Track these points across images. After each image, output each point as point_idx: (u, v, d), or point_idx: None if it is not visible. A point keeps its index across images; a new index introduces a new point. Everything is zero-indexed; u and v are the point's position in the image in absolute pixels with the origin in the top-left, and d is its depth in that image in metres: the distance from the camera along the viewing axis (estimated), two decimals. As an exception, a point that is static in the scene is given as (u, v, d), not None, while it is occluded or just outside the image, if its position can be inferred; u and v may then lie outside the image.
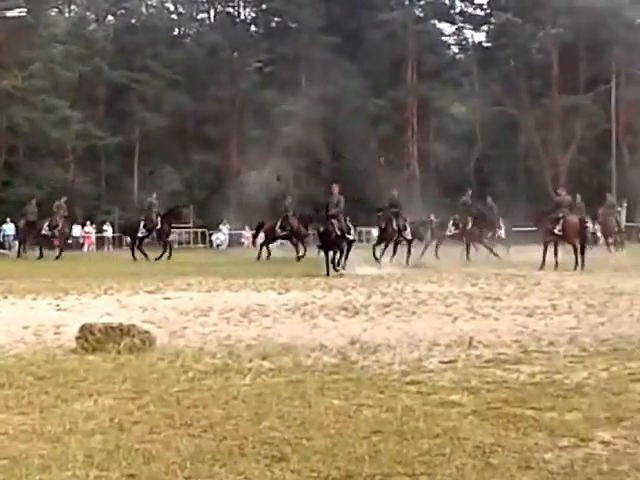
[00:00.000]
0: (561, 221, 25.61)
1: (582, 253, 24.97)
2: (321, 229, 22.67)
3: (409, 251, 29.91)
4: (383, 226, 29.92)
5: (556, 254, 25.60)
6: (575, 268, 24.55)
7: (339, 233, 22.92)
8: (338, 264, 23.72)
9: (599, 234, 36.37)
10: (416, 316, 13.99)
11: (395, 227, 29.54)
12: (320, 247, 23.28)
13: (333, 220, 23.10)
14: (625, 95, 59.28)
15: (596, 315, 13.81)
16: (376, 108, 59.99)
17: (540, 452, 5.98)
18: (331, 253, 23.52)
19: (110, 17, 62.64)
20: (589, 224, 33.29)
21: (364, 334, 11.71)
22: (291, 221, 33.18)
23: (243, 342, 11.02)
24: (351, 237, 24.54)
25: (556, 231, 25.55)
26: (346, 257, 24.32)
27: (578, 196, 31.76)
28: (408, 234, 30.10)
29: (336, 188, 24.72)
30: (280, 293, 17.81)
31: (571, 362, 9.45)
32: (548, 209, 27.37)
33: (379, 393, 7.84)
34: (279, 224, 33.43)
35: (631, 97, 59.02)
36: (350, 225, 24.85)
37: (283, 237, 34.17)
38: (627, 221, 58.17)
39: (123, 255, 38.43)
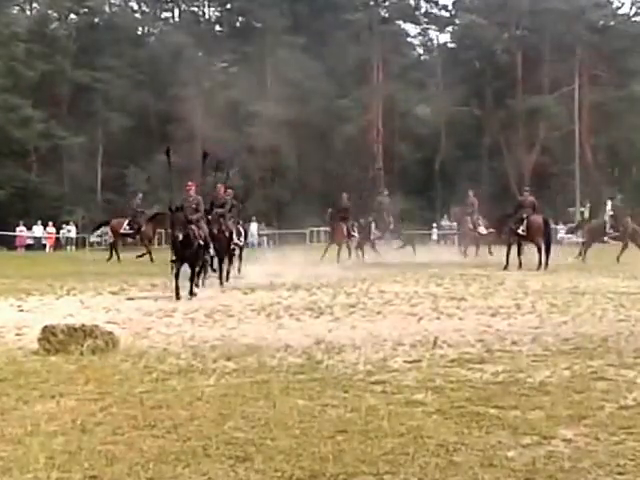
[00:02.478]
0: (525, 221, 25.77)
1: (547, 253, 25.12)
2: (180, 236, 17.18)
3: (357, 249, 31.67)
4: (332, 228, 31.89)
5: (519, 254, 25.75)
6: (539, 268, 24.71)
7: (201, 242, 17.74)
8: (197, 279, 18.27)
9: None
10: (381, 316, 14.02)
11: (345, 229, 31.19)
12: (174, 260, 17.55)
13: (193, 226, 17.67)
14: (588, 96, 59.83)
15: (559, 314, 13.92)
16: (341, 108, 60.06)
17: (503, 450, 6.02)
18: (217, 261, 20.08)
19: (73, 15, 62.08)
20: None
21: (329, 334, 11.72)
22: (139, 220, 32.84)
23: (208, 343, 10.99)
24: (240, 243, 22.24)
25: (520, 231, 25.70)
26: (221, 269, 20.38)
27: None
28: (356, 234, 31.85)
29: (221, 188, 21.47)
30: (245, 293, 17.78)
31: (534, 361, 9.52)
32: (510, 212, 27.41)
33: (344, 393, 7.85)
34: (127, 222, 33.09)
35: (594, 98, 59.60)
36: (242, 230, 22.88)
37: (128, 235, 33.49)
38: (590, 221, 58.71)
39: (85, 256, 38.16)
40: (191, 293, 16.92)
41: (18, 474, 5.54)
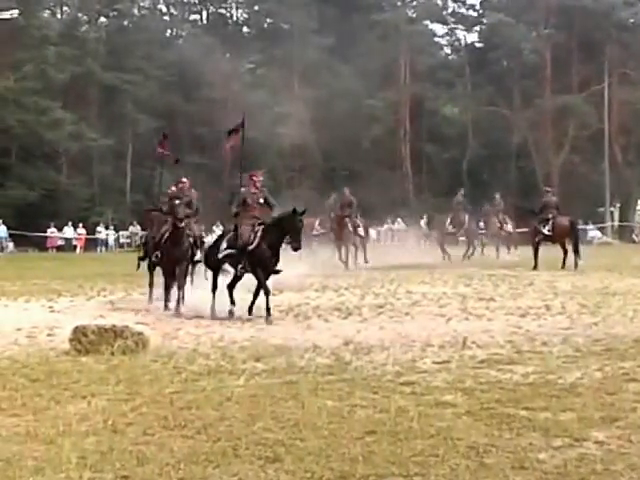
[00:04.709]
0: (551, 222, 25.74)
1: (576, 253, 25.04)
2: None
3: (363, 249, 28.99)
4: (335, 226, 28.65)
5: (536, 255, 25.79)
6: (563, 267, 24.73)
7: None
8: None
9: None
10: (409, 317, 14.00)
11: (350, 228, 28.12)
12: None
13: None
14: (618, 95, 59.33)
15: (589, 315, 13.84)
16: (369, 109, 59.95)
17: (534, 452, 5.99)
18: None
19: (102, 18, 62.40)
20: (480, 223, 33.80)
21: (358, 335, 11.71)
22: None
23: (237, 343, 11.02)
24: (196, 257, 16.31)
25: (545, 231, 25.68)
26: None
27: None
28: (361, 232, 29.04)
29: (187, 183, 17.46)
30: (274, 294, 17.79)
31: (565, 362, 9.47)
32: (535, 210, 27.28)
33: (373, 394, 7.84)
34: None
35: (623, 97, 59.10)
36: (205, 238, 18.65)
37: None
38: (620, 221, 58.36)
39: (116, 257, 38.38)
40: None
41: (51, 474, 5.58)
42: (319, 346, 10.67)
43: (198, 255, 16.13)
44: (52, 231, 48.91)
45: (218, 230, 54.36)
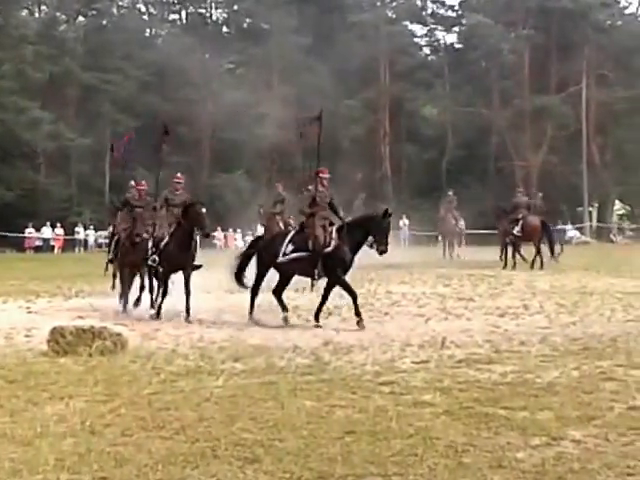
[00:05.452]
0: (521, 222, 26.02)
1: (551, 253, 25.25)
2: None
3: None
4: (266, 225, 26.29)
5: (514, 255, 25.98)
6: (532, 267, 24.97)
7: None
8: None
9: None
10: (389, 317, 14.04)
11: (281, 225, 25.10)
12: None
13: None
14: (595, 96, 59.68)
15: (567, 315, 13.92)
16: (348, 109, 59.98)
17: (512, 451, 6.02)
18: None
19: (81, 18, 62.13)
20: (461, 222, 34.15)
21: (337, 335, 11.73)
22: None
23: (216, 344, 11.00)
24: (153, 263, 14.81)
25: (515, 232, 25.91)
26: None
27: (539, 195, 31.52)
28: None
29: (139, 185, 16.94)
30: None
31: (542, 361, 9.51)
32: (506, 208, 27.66)
33: (352, 394, 7.85)
34: None
35: (601, 98, 59.45)
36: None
37: None
38: (598, 221, 58.70)
39: (95, 257, 38.18)
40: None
41: (28, 475, 5.55)
42: (299, 346, 10.68)
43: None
44: (30, 231, 48.61)
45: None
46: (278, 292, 13.81)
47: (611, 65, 60.24)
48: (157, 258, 14.38)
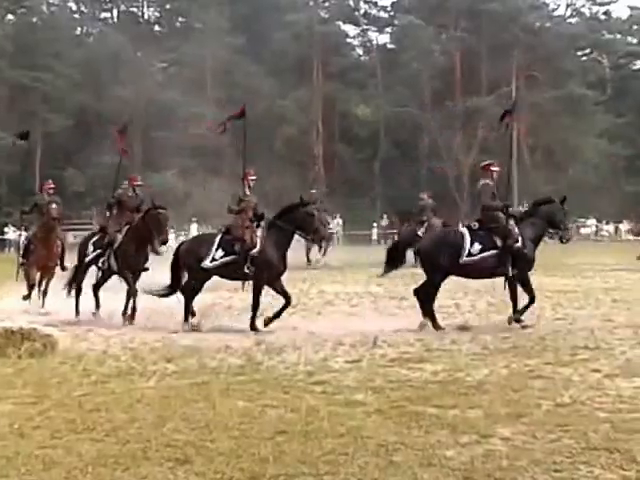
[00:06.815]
0: (425, 224, 26.52)
1: None
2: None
3: None
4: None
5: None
6: None
7: None
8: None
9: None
10: (322, 316, 14.07)
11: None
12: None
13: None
14: (525, 97, 60.48)
15: (497, 314, 14.07)
16: (281, 109, 59.97)
17: (442, 449, 6.08)
18: None
19: (10, 16, 61.23)
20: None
21: (269, 335, 11.73)
22: None
23: (147, 345, 10.92)
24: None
25: (419, 233, 26.30)
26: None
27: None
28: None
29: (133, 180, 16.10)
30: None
31: (473, 360, 9.62)
32: (414, 212, 28.20)
33: (284, 394, 7.86)
34: None
35: (531, 99, 60.28)
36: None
37: None
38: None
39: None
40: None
41: (-46, 480, 5.47)
42: (231, 346, 10.66)
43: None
44: (-42, 232, 47.77)
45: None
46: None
47: (541, 66, 61.12)
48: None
